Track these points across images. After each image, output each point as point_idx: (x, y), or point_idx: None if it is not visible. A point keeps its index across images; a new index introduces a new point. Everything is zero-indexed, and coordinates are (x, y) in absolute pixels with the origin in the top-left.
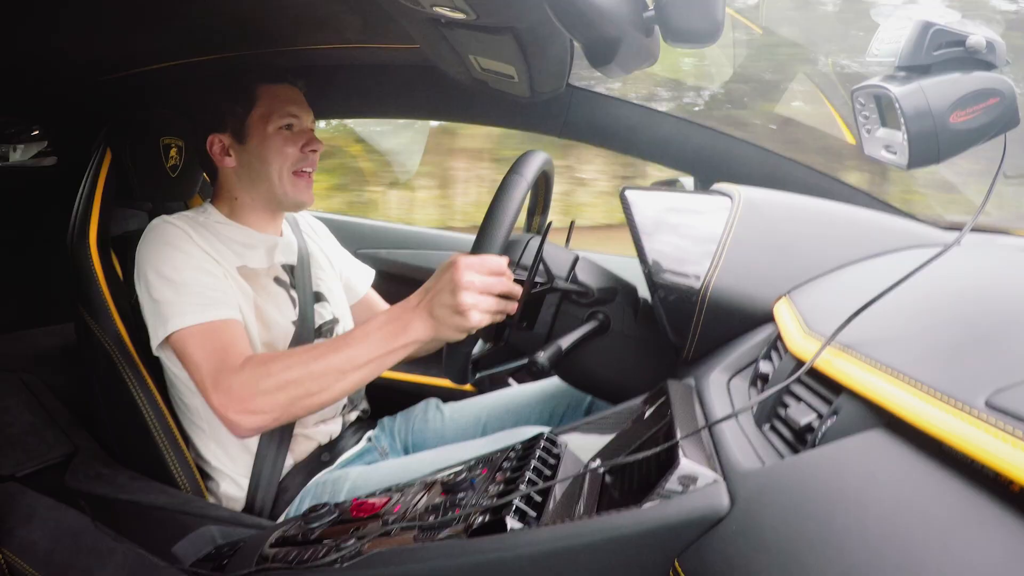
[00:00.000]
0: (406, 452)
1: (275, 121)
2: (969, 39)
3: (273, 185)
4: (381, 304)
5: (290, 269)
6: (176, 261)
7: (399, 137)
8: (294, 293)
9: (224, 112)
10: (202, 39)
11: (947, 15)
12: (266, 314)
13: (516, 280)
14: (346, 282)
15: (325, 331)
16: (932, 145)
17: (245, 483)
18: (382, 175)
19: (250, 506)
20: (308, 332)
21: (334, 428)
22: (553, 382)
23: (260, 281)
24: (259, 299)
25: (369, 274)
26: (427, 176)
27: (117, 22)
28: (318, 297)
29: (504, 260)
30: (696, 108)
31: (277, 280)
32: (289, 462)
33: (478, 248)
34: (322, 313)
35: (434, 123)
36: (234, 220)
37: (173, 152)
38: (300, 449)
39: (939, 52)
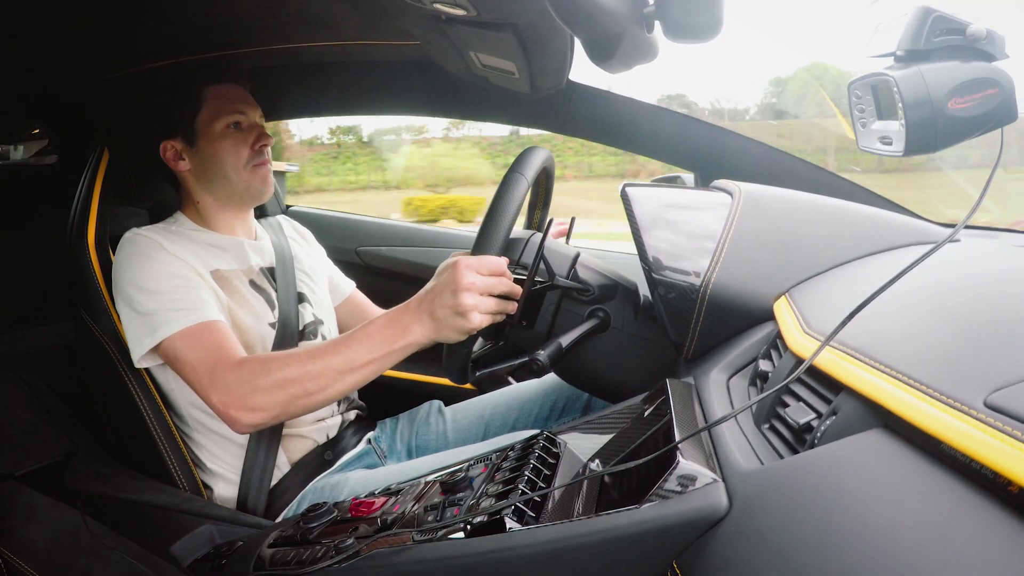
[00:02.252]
0: (409, 455)
1: (222, 120)
2: (969, 27)
3: (231, 182)
4: (367, 303)
5: (269, 272)
6: (153, 272)
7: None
8: (273, 295)
9: (172, 117)
10: (203, 37)
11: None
12: (239, 318)
13: (516, 279)
14: (331, 282)
15: (308, 333)
16: (930, 131)
17: (237, 485)
18: None
19: (242, 508)
20: (291, 333)
21: (331, 427)
22: (553, 376)
23: (234, 284)
24: (232, 303)
25: (351, 282)
26: None
27: (117, 21)
28: (301, 298)
29: (504, 261)
30: None
31: (253, 283)
32: (284, 461)
33: (478, 248)
34: (304, 314)
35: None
36: (203, 226)
37: None
38: (296, 449)
39: (939, 39)
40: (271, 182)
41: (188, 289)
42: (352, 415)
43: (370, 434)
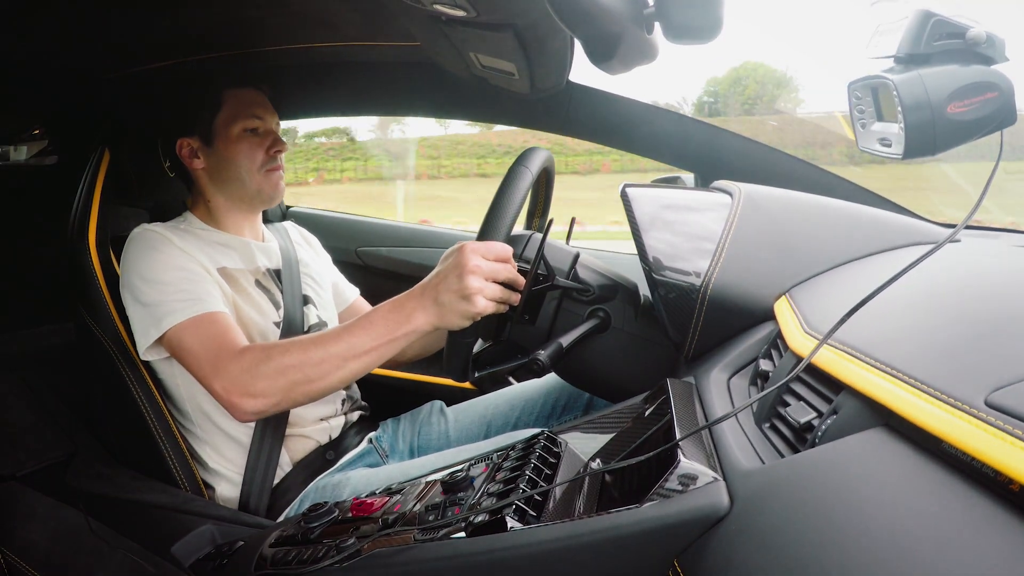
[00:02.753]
0: (411, 455)
1: (240, 124)
2: (969, 31)
3: (244, 183)
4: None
5: (275, 273)
6: (159, 264)
7: None
8: (279, 296)
9: (191, 116)
10: (204, 37)
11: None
12: (244, 315)
13: (519, 270)
14: (336, 288)
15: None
16: (929, 135)
17: (239, 484)
18: None
19: (244, 507)
20: (296, 333)
21: (334, 427)
22: (554, 375)
23: (240, 283)
24: (238, 300)
25: (355, 289)
26: None
27: (117, 22)
28: (306, 300)
29: (509, 248)
30: None
31: (258, 283)
32: (286, 460)
33: (484, 235)
34: (309, 316)
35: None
36: (212, 225)
37: None
38: (298, 448)
39: (939, 43)
40: (282, 187)
41: (193, 281)
42: (355, 416)
43: (372, 434)
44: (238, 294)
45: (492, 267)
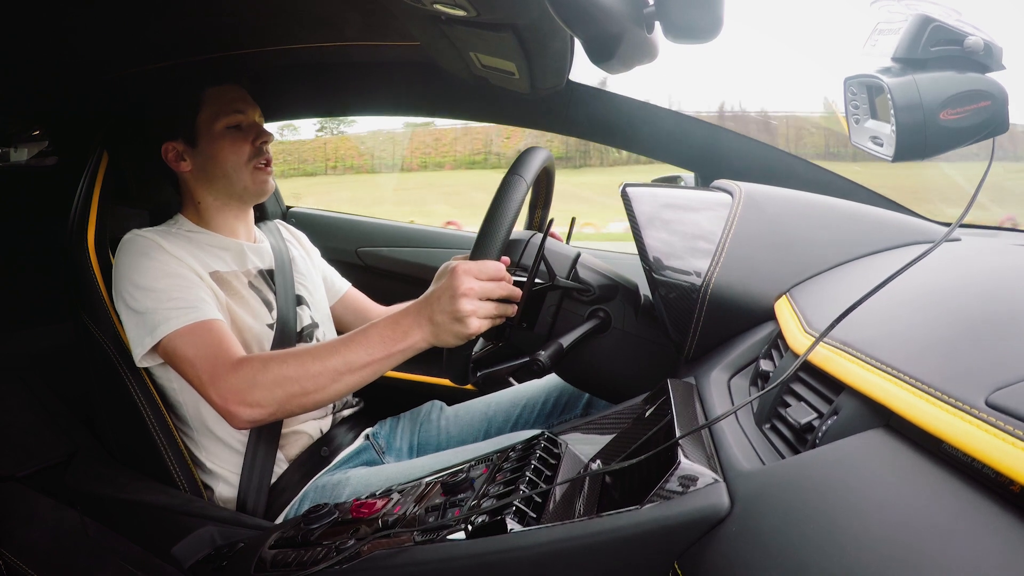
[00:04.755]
0: (411, 453)
1: (222, 121)
2: (967, 39)
3: (231, 181)
4: (365, 300)
5: (268, 274)
6: (152, 271)
7: None
8: (272, 297)
9: (173, 119)
10: (204, 38)
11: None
12: (238, 318)
13: (516, 281)
14: (327, 282)
15: (305, 335)
16: (920, 139)
17: (237, 485)
18: None
19: (242, 508)
20: (289, 335)
21: (324, 422)
22: (554, 376)
23: (233, 286)
24: (232, 304)
25: (346, 281)
26: None
27: (117, 22)
28: (299, 301)
29: (502, 265)
30: None
31: (251, 285)
32: (281, 458)
33: (477, 253)
34: (302, 317)
35: None
36: (203, 227)
37: None
38: (292, 445)
39: (936, 48)
40: (271, 180)
41: (187, 288)
42: (346, 412)
43: (368, 430)
44: (231, 298)
45: (485, 287)
